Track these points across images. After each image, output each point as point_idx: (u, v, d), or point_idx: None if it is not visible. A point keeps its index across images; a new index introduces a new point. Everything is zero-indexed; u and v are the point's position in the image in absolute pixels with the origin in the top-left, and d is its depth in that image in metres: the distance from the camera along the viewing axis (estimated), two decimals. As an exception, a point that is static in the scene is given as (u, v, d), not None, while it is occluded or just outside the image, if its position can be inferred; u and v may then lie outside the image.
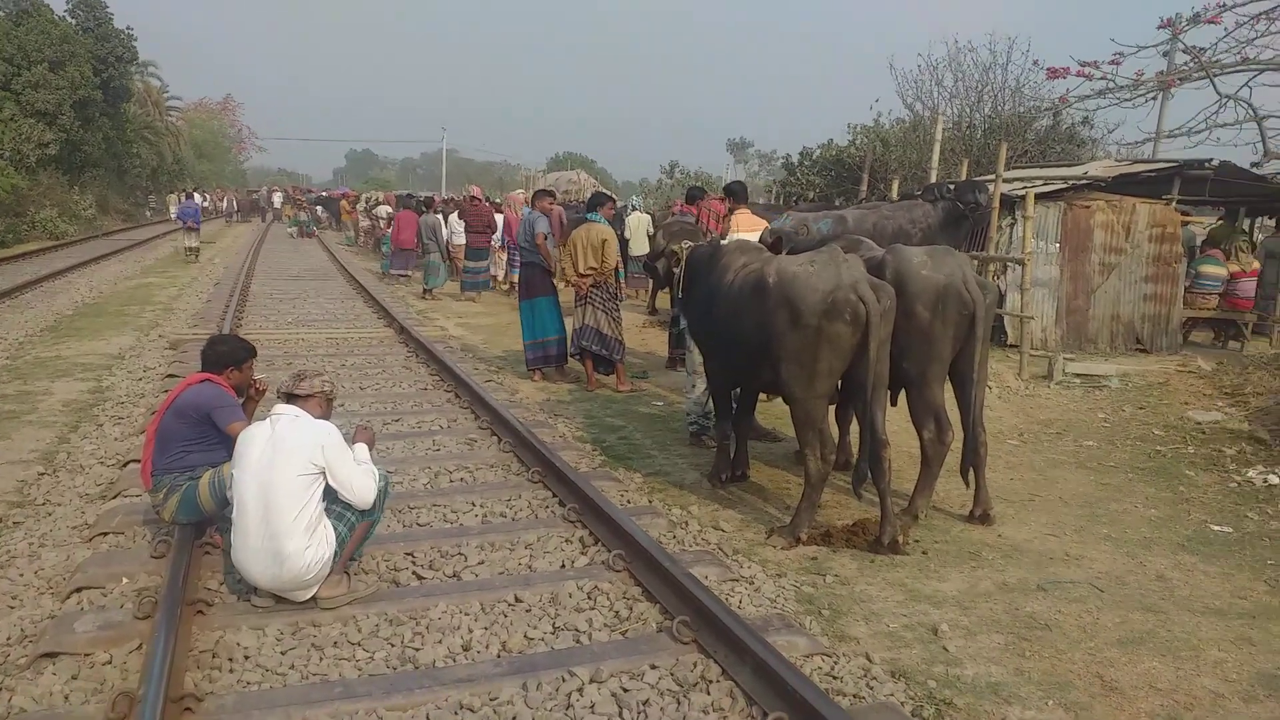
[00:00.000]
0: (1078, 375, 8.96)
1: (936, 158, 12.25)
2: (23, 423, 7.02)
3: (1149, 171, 11.04)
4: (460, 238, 16.22)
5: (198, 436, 4.48)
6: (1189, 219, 11.95)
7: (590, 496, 4.99)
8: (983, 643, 3.89)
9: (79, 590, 4.03)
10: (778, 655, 3.33)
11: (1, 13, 30.66)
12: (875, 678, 3.53)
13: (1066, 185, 10.59)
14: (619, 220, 12.91)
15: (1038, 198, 9.63)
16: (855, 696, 3.39)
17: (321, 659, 3.55)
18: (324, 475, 3.85)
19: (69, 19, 34.01)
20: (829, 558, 4.75)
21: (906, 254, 5.18)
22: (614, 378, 8.78)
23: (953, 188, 8.83)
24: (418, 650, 3.62)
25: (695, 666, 3.54)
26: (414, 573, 4.34)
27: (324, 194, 46.99)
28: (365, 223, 26.96)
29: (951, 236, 8.49)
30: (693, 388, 6.87)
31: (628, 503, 5.41)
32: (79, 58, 31.00)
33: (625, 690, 3.36)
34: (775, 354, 4.85)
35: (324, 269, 20.90)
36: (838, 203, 16.27)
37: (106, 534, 4.68)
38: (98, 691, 3.29)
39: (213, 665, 3.48)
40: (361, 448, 4.14)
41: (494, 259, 16.31)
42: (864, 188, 15.93)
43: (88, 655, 3.50)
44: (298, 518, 3.75)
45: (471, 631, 3.78)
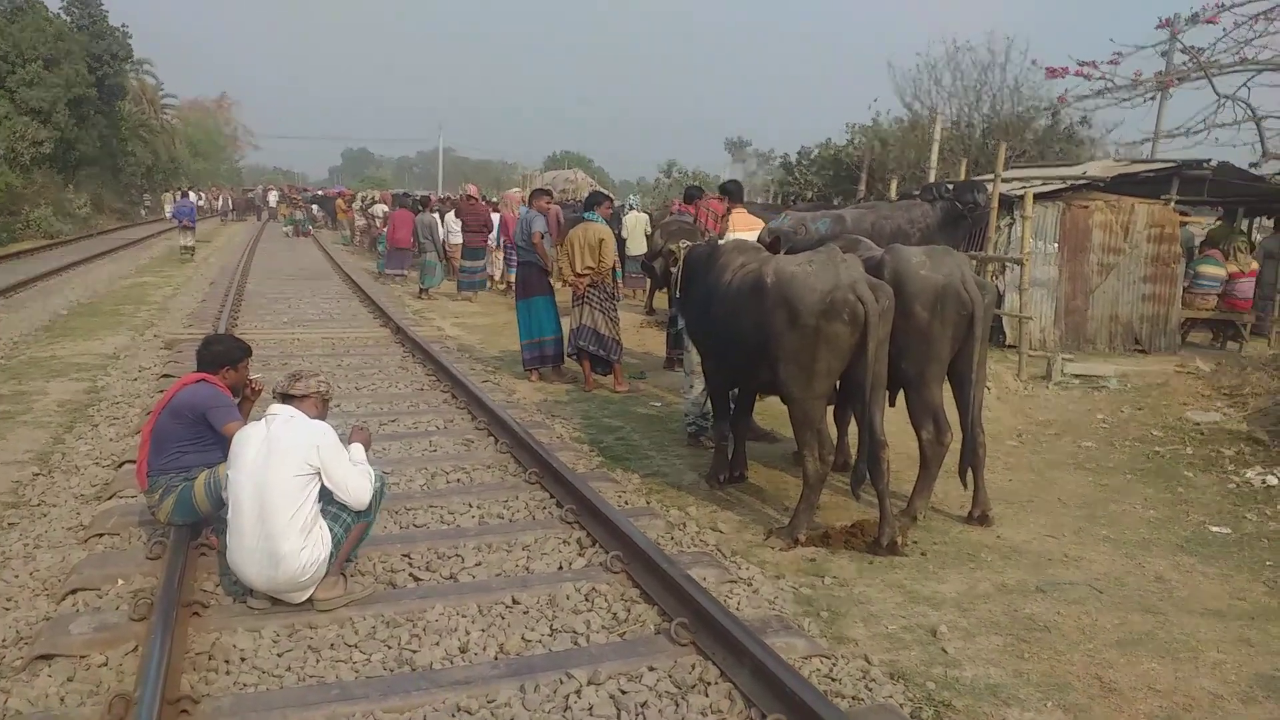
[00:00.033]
0: (1076, 376, 8.96)
1: (935, 157, 12.25)
2: (17, 423, 7.00)
3: (1147, 172, 11.03)
4: (456, 237, 16.15)
5: (193, 437, 4.46)
6: (1187, 219, 11.95)
7: (588, 497, 4.98)
8: (981, 644, 3.88)
9: (74, 592, 4.02)
10: (776, 657, 3.32)
11: (-4, 10, 30.62)
12: (874, 679, 3.52)
13: (1065, 185, 10.57)
14: (616, 220, 12.89)
15: (1036, 198, 9.62)
16: (854, 698, 3.38)
17: (318, 661, 3.54)
18: (319, 476, 3.84)
19: (64, 16, 33.95)
20: (827, 559, 4.74)
21: (905, 254, 5.17)
22: (611, 378, 8.77)
23: (951, 187, 8.81)
24: (415, 652, 3.61)
25: (693, 668, 3.53)
26: (411, 574, 4.33)
27: (320, 193, 46.99)
28: (361, 222, 26.89)
29: (950, 236, 8.46)
30: (690, 388, 6.86)
31: (625, 504, 5.39)
32: (74, 55, 30.94)
33: (623, 692, 3.35)
34: (773, 354, 4.84)
35: (320, 268, 20.85)
36: (836, 202, 16.25)
37: (102, 535, 4.66)
38: (93, 694, 3.28)
39: (209, 667, 3.47)
40: (357, 448, 4.12)
41: (490, 258, 16.26)
42: (862, 187, 15.94)
43: (83, 657, 3.48)
44: (293, 518, 3.74)
45: (469, 633, 3.77)
